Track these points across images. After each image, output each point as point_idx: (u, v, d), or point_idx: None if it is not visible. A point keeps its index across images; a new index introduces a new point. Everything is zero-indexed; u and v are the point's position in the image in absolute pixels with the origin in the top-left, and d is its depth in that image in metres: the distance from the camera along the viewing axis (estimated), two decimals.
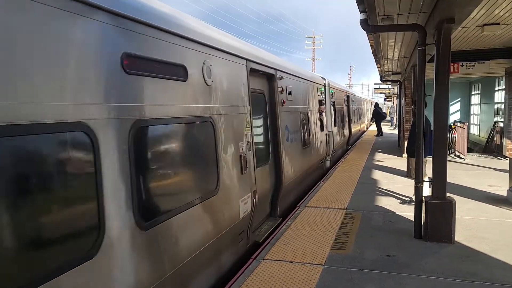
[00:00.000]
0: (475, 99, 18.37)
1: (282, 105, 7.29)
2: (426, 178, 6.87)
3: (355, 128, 21.03)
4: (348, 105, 19.08)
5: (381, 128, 24.64)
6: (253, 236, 5.88)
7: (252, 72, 5.90)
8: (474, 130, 18.38)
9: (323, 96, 11.93)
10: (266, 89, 6.87)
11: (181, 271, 3.61)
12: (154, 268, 3.21)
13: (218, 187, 4.50)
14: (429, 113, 6.69)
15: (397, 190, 8.74)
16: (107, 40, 2.80)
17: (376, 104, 27.24)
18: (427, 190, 6.32)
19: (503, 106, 13.99)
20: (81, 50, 2.57)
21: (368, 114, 35.43)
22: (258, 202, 5.77)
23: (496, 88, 15.39)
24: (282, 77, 7.33)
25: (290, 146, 7.68)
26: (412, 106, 9.80)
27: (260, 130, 6.53)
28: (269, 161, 6.75)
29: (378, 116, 25.05)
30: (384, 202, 7.71)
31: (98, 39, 2.72)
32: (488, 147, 15.26)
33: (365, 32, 6.83)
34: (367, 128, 32.32)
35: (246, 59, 5.61)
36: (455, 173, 10.24)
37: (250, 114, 5.63)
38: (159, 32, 3.46)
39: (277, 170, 6.93)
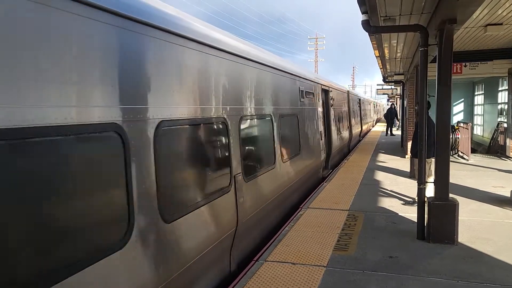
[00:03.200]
0: (479, 99, 18.28)
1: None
2: (431, 179, 6.84)
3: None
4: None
5: (390, 129, 25.42)
6: None
7: None
8: (478, 130, 18.31)
9: None
10: None
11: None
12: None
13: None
14: (433, 114, 6.67)
15: (400, 191, 8.71)
16: None
17: (392, 105, 28.12)
18: (432, 191, 6.28)
19: (506, 106, 13.94)
20: None
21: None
22: None
23: (500, 89, 15.32)
24: None
25: None
26: (416, 107, 9.79)
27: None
28: None
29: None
30: (387, 203, 7.69)
31: None
32: (492, 148, 15.19)
33: (367, 33, 6.83)
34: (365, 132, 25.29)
35: None
36: (459, 174, 10.20)
37: None
38: None
39: None
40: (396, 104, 34.29)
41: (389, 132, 25.19)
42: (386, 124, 26.34)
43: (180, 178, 3.89)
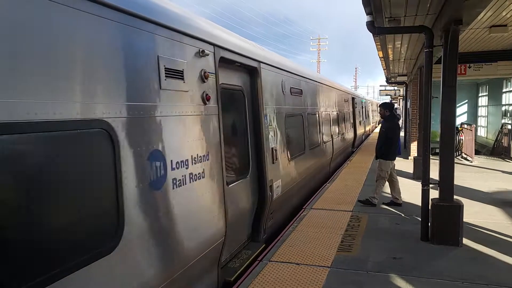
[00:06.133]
0: (483, 101, 18.21)
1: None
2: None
3: None
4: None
5: None
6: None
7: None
8: (482, 132, 18.24)
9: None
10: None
11: None
12: None
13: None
14: (436, 115, 6.66)
15: (403, 192, 8.67)
16: None
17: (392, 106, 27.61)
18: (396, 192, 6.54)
19: (510, 108, 13.89)
20: None
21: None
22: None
23: (504, 90, 15.27)
24: None
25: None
26: (378, 109, 10.10)
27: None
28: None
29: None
30: (391, 204, 7.67)
31: None
32: (496, 150, 15.13)
33: (371, 34, 6.82)
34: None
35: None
36: (463, 176, 10.18)
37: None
38: None
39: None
40: (399, 105, 34.16)
41: None
42: None
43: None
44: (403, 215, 6.94)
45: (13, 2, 2.17)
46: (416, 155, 12.05)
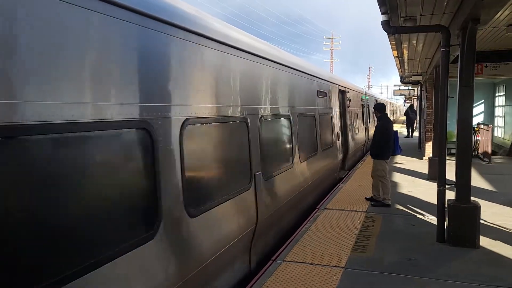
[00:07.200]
0: (500, 100, 17.87)
1: None
2: (386, 179, 7.53)
3: None
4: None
5: (409, 130, 25.28)
6: None
7: None
8: (499, 132, 17.90)
9: None
10: None
11: None
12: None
13: None
14: (452, 115, 6.58)
15: (417, 192, 8.60)
16: None
17: (411, 107, 27.35)
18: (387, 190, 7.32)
19: None
20: None
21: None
22: None
23: None
24: None
25: None
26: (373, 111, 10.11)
27: None
28: None
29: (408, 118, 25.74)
30: (405, 204, 7.61)
31: None
32: None
33: (386, 33, 6.76)
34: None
35: None
36: (479, 177, 10.02)
37: None
38: None
39: None
40: (414, 105, 33.71)
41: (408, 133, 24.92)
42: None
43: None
44: (418, 216, 6.87)
45: None
46: (431, 155, 11.91)
